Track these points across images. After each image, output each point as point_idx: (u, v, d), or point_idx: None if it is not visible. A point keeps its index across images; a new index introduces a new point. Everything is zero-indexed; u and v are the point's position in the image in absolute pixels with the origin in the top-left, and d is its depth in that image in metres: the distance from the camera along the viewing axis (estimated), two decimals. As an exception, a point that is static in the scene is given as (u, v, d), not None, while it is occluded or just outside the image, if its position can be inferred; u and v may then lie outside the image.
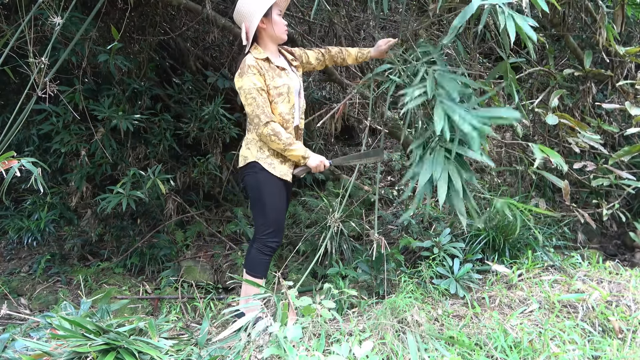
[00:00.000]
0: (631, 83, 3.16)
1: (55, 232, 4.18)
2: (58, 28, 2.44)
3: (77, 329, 1.89)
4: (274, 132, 2.35)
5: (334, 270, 2.98)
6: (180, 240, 4.23)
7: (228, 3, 4.33)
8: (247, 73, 2.32)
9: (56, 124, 3.76)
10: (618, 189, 3.35)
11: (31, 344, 1.91)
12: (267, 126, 2.34)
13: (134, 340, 1.88)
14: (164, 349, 1.89)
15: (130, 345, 1.82)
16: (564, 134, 3.03)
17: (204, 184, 4.49)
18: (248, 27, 2.35)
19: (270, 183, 2.45)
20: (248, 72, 2.32)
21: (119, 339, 1.82)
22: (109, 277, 3.83)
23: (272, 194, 2.46)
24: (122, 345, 1.82)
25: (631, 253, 3.79)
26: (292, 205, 4.52)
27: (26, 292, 3.73)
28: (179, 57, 4.88)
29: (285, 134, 2.38)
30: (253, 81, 2.32)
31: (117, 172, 4.08)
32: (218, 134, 4.32)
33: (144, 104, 4.14)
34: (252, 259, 2.50)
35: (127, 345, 1.82)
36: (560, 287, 2.63)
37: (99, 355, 1.77)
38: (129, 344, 1.82)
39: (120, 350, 1.81)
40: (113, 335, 1.84)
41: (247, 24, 2.36)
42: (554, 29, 3.43)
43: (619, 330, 2.24)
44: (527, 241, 3.10)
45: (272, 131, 2.35)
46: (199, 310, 3.27)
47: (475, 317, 2.44)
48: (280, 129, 2.37)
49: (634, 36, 4.02)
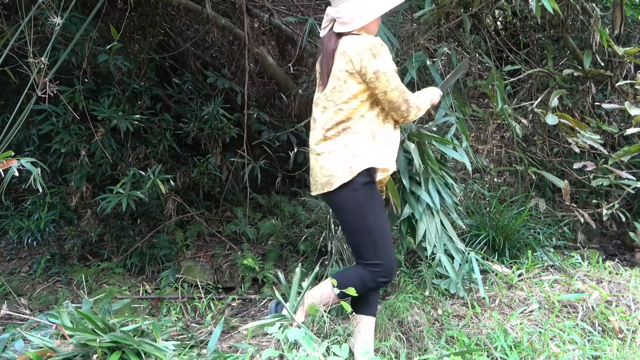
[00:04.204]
0: (630, 83, 3.17)
1: (55, 232, 4.17)
2: (58, 28, 2.44)
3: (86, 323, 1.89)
4: (417, 107, 2.01)
5: (334, 270, 2.98)
6: (180, 240, 4.23)
7: (228, 3, 4.33)
8: (382, 53, 1.90)
9: (56, 124, 3.76)
10: (618, 189, 3.35)
11: (35, 340, 1.91)
12: (411, 108, 1.98)
13: (139, 340, 1.88)
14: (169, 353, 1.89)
15: (138, 346, 1.82)
16: (564, 134, 3.03)
17: (204, 184, 4.49)
18: (364, 15, 1.95)
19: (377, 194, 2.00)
20: (383, 52, 1.90)
21: (125, 338, 1.82)
22: (109, 277, 3.83)
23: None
24: (128, 344, 1.82)
25: (631, 253, 3.80)
26: (292, 205, 4.52)
27: (26, 292, 3.73)
28: (179, 57, 4.88)
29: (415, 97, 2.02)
30: (391, 62, 1.95)
31: (117, 172, 4.08)
32: (218, 134, 4.32)
33: (144, 104, 4.13)
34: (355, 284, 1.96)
35: (135, 345, 1.82)
36: (560, 287, 2.63)
37: (105, 353, 1.77)
38: (136, 344, 1.82)
39: (126, 349, 1.81)
40: (120, 334, 1.84)
41: (364, 11, 1.95)
42: (554, 30, 3.44)
43: (619, 330, 2.25)
44: (527, 241, 3.10)
45: (416, 109, 2.00)
46: (199, 310, 3.27)
47: (475, 317, 2.44)
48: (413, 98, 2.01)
49: (634, 36, 4.03)
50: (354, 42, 1.90)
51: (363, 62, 1.86)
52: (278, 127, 4.81)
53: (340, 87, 1.90)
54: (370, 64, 1.87)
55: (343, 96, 1.90)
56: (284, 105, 5.09)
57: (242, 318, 3.08)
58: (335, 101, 1.92)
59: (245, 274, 3.71)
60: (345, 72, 1.89)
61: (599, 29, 2.97)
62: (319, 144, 1.96)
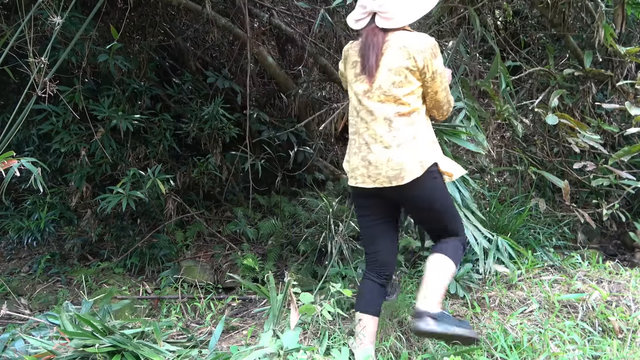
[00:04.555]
0: (631, 83, 3.17)
1: (55, 232, 4.17)
2: (58, 28, 2.43)
3: (86, 327, 1.89)
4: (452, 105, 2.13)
5: (334, 270, 2.98)
6: (180, 240, 4.23)
7: (228, 3, 4.33)
8: (439, 53, 1.96)
9: (56, 124, 3.75)
10: (618, 189, 3.35)
11: (34, 342, 1.91)
12: (450, 107, 2.12)
13: (139, 344, 1.88)
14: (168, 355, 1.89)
15: (137, 350, 1.81)
16: (564, 134, 3.03)
17: (204, 184, 4.49)
18: (410, 12, 1.96)
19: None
20: (439, 53, 1.97)
21: (125, 342, 1.82)
22: (109, 277, 3.82)
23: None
24: (128, 348, 1.81)
25: (631, 253, 3.79)
26: (292, 205, 4.52)
27: (26, 292, 3.73)
28: (179, 57, 4.88)
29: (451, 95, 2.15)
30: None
31: (117, 172, 4.08)
32: (218, 134, 4.32)
33: (144, 104, 4.13)
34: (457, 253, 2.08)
35: (133, 349, 1.81)
36: (560, 287, 2.63)
37: (104, 356, 1.77)
38: (135, 348, 1.82)
39: (125, 353, 1.81)
40: (119, 338, 1.84)
41: (410, 8, 1.97)
42: (554, 29, 3.43)
43: (619, 330, 2.25)
44: (527, 241, 3.10)
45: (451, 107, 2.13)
46: (199, 310, 3.27)
47: (475, 317, 2.44)
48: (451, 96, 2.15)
49: (634, 36, 4.02)
50: (416, 40, 1.90)
51: (426, 60, 1.89)
52: (278, 127, 4.81)
53: (401, 82, 1.91)
54: (432, 64, 1.91)
55: (404, 91, 1.91)
56: (284, 105, 5.09)
57: (242, 318, 3.08)
58: (396, 95, 1.91)
59: (245, 274, 3.71)
60: (406, 69, 1.90)
61: (604, 25, 2.95)
62: (384, 136, 1.92)
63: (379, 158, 1.93)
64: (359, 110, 1.98)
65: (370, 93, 1.95)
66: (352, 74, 2.01)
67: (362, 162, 1.97)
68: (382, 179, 1.93)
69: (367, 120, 1.96)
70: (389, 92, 1.91)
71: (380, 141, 1.93)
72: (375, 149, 1.94)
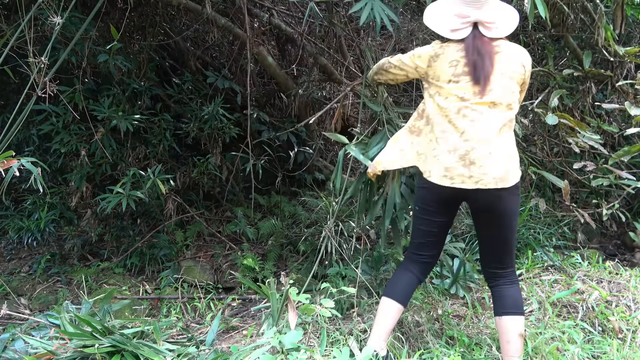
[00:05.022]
0: (631, 83, 3.16)
1: (55, 232, 4.17)
2: (58, 28, 2.43)
3: (85, 327, 1.89)
4: None
5: (334, 270, 2.98)
6: (180, 240, 4.23)
7: (228, 3, 4.33)
8: None
9: (56, 124, 3.75)
10: (618, 189, 3.35)
11: (34, 342, 1.91)
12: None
13: (138, 344, 1.88)
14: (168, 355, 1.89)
15: (136, 350, 1.81)
16: (563, 134, 3.02)
17: (204, 184, 4.49)
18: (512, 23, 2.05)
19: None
20: None
21: (124, 342, 1.82)
22: (109, 277, 3.83)
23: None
24: (127, 348, 1.81)
25: (631, 253, 3.80)
26: (292, 205, 4.52)
27: (26, 292, 3.73)
28: (179, 57, 4.88)
29: None
30: None
31: (117, 172, 4.08)
32: (218, 134, 4.32)
33: (144, 104, 4.13)
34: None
35: (133, 349, 1.81)
36: (560, 287, 2.63)
37: (104, 356, 1.77)
38: (135, 348, 1.82)
39: (125, 353, 1.81)
40: (119, 338, 1.84)
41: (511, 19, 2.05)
42: (554, 29, 3.43)
43: (619, 330, 2.25)
44: (527, 241, 3.10)
45: None
46: (199, 310, 3.27)
47: (475, 317, 2.44)
48: None
49: (634, 36, 4.02)
50: (521, 50, 2.02)
51: (527, 72, 2.01)
52: (278, 127, 4.81)
53: (512, 88, 1.96)
54: (529, 76, 2.04)
55: (513, 98, 1.97)
56: (284, 105, 5.09)
57: (242, 318, 3.08)
58: (505, 101, 1.94)
59: (245, 274, 3.71)
60: (517, 76, 1.97)
61: (604, 25, 2.96)
62: (495, 138, 1.91)
63: (494, 158, 1.90)
64: (460, 108, 1.94)
65: (480, 96, 1.93)
66: (447, 73, 1.97)
67: (460, 161, 1.90)
68: (487, 179, 1.88)
69: (472, 119, 1.92)
70: (501, 99, 1.93)
71: (487, 143, 1.90)
72: (482, 150, 1.90)
